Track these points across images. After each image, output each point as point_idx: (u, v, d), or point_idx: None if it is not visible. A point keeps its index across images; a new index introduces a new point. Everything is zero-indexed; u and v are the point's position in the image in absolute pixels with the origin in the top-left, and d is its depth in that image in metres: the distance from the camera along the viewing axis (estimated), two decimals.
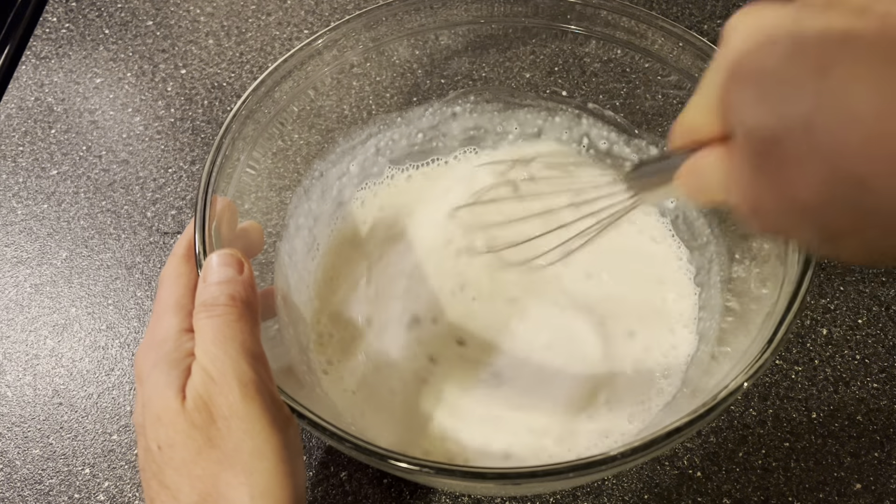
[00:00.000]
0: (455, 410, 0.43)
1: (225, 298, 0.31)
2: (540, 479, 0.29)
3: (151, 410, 0.29)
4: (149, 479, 0.30)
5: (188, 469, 0.28)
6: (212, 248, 0.34)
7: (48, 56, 0.65)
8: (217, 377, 0.29)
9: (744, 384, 0.31)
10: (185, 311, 0.32)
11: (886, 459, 0.44)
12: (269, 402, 0.29)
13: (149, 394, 0.30)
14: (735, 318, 0.41)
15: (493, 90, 0.52)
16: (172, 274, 0.34)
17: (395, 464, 0.30)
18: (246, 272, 0.32)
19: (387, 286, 0.47)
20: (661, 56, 0.45)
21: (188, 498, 0.28)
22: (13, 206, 0.57)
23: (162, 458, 0.29)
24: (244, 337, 0.30)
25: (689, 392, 0.41)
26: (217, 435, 0.28)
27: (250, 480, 0.28)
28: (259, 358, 0.30)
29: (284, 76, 0.43)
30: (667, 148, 0.32)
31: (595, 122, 0.51)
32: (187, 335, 0.31)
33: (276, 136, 0.44)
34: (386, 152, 0.52)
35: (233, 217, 0.38)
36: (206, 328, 0.30)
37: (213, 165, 0.38)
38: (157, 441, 0.29)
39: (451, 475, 0.30)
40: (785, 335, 0.32)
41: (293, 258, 0.46)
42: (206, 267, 0.32)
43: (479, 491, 0.42)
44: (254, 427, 0.28)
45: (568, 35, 0.48)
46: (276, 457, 0.29)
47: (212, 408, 0.28)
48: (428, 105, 0.52)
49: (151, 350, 0.31)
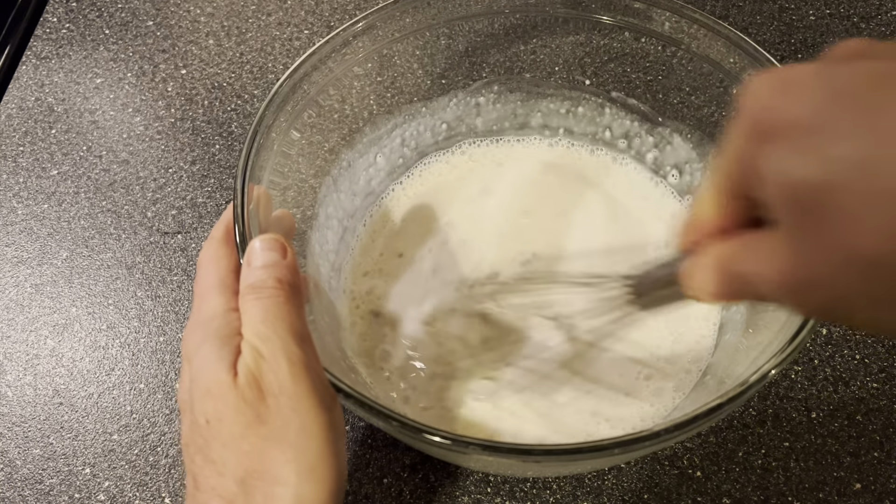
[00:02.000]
0: (488, 397, 0.44)
1: (272, 281, 0.31)
2: (585, 454, 0.30)
3: (201, 384, 0.29)
4: (193, 454, 0.30)
5: (236, 444, 0.28)
6: (252, 234, 0.35)
7: (48, 56, 0.65)
8: (267, 355, 0.29)
9: (772, 371, 0.32)
10: (231, 291, 0.32)
11: (886, 459, 0.44)
12: (316, 381, 0.30)
13: (198, 369, 0.30)
14: (763, 305, 0.41)
15: (516, 80, 0.52)
16: (212, 256, 0.34)
17: (452, 442, 0.31)
18: (290, 256, 0.33)
19: (419, 278, 0.48)
20: (686, 44, 0.46)
21: (234, 473, 0.28)
22: (13, 206, 0.57)
23: (209, 433, 0.29)
24: (292, 318, 0.30)
25: (716, 381, 0.41)
26: (266, 412, 0.28)
27: (297, 458, 0.28)
28: (306, 339, 0.30)
29: (317, 64, 0.44)
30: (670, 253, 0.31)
31: (618, 110, 0.51)
32: (234, 314, 0.31)
33: (307, 125, 0.45)
34: (411, 143, 0.52)
35: (268, 205, 0.39)
36: (255, 309, 0.30)
37: (250, 151, 0.39)
38: (206, 415, 0.29)
39: (497, 452, 0.30)
40: (815, 322, 0.33)
41: (324, 248, 0.47)
42: (249, 251, 0.33)
43: (518, 470, 0.43)
44: (302, 405, 0.29)
45: (592, 24, 0.48)
46: (323, 435, 0.29)
47: (262, 384, 0.29)
48: (453, 95, 0.52)
49: (199, 328, 0.31)
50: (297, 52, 0.65)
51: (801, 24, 0.65)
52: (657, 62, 0.48)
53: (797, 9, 0.66)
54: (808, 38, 0.64)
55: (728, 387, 0.32)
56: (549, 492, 0.44)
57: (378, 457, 0.45)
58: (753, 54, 0.42)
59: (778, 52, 0.63)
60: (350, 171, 0.49)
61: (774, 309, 0.39)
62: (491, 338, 0.46)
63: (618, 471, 0.44)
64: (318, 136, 0.46)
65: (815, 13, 0.66)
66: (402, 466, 0.45)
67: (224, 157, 0.59)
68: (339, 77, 0.46)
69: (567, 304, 0.44)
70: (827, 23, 0.65)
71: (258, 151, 0.40)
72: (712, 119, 0.47)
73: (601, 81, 0.51)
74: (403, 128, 0.51)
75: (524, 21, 0.49)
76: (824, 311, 0.21)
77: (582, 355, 0.45)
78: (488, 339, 0.46)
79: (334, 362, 0.41)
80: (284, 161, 0.43)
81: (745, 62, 0.43)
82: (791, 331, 0.34)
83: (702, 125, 0.48)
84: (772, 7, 0.66)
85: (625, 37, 0.48)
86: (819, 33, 0.64)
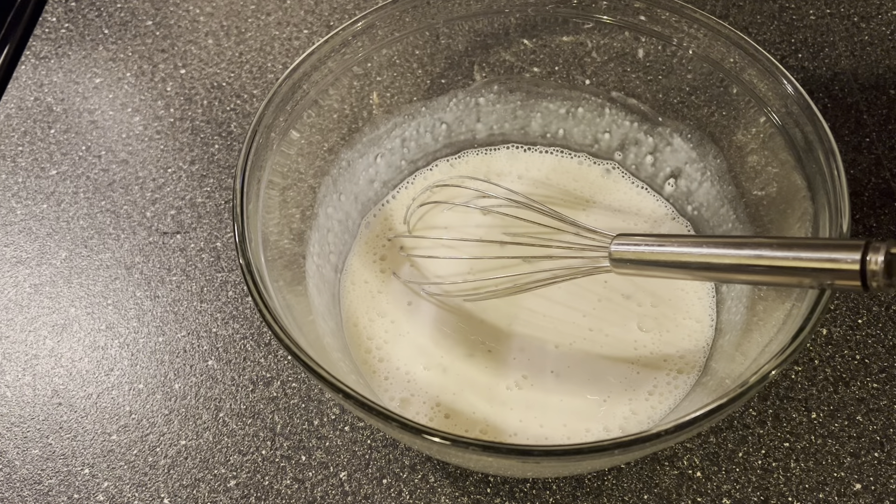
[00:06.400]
0: (488, 398, 0.44)
1: None
2: (585, 454, 0.30)
3: None
4: None
5: None
6: (252, 234, 0.37)
7: (48, 56, 0.65)
8: None
9: (772, 371, 0.32)
10: None
11: (886, 460, 0.44)
12: None
13: None
14: (764, 305, 0.41)
15: (516, 80, 0.52)
16: None
17: (452, 442, 0.31)
18: None
19: (419, 280, 0.48)
20: (686, 44, 0.46)
21: None
22: (12, 206, 0.57)
23: None
24: None
25: (716, 381, 0.41)
26: None
27: None
28: None
29: (316, 64, 0.44)
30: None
31: (618, 111, 0.51)
32: None
33: (306, 125, 0.45)
34: (411, 144, 0.52)
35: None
36: None
37: (249, 151, 0.39)
38: None
39: (497, 452, 0.31)
40: (817, 322, 0.33)
41: (324, 248, 0.47)
42: None
43: (518, 470, 0.43)
44: None
45: (592, 24, 0.48)
46: None
47: None
48: (453, 95, 0.52)
49: None
50: (297, 51, 0.65)
51: (801, 23, 0.65)
52: (657, 62, 0.48)
53: (797, 8, 0.66)
54: (808, 37, 0.64)
55: (728, 387, 0.32)
56: (548, 492, 0.44)
57: (378, 457, 0.45)
58: (753, 54, 0.42)
59: (778, 52, 0.63)
60: (350, 170, 0.49)
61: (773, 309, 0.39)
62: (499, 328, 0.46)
63: (618, 471, 0.44)
64: (317, 136, 0.46)
65: (816, 13, 0.66)
66: (401, 466, 0.45)
67: (223, 157, 0.59)
68: (339, 77, 0.46)
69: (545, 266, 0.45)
70: (827, 22, 0.65)
71: (257, 151, 0.40)
72: (712, 119, 0.47)
73: (601, 81, 0.51)
74: (403, 128, 0.51)
75: (524, 21, 0.49)
76: None
77: (580, 356, 0.45)
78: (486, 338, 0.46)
79: (335, 364, 0.41)
80: (284, 161, 0.43)
81: (745, 62, 0.43)
82: (791, 331, 0.33)
83: (702, 125, 0.48)
84: (772, 7, 0.66)
85: (625, 37, 0.48)
86: (819, 33, 0.64)
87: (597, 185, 0.53)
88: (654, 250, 0.38)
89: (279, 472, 0.45)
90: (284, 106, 0.42)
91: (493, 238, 0.49)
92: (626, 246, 0.40)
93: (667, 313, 0.46)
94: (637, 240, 0.40)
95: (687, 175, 0.50)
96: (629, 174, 0.53)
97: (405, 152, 0.52)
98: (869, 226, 0.53)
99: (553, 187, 0.53)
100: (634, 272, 0.40)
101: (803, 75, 0.61)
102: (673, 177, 0.51)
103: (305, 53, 0.43)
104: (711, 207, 0.49)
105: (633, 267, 0.39)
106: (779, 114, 0.42)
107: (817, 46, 0.63)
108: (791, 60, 0.63)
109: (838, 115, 0.59)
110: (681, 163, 0.50)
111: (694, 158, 0.49)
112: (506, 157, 0.54)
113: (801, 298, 0.35)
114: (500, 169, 0.54)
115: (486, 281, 0.47)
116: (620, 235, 0.40)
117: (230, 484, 0.45)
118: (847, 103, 0.60)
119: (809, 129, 0.39)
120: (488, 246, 0.49)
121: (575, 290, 0.47)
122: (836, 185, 0.37)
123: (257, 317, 0.51)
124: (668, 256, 0.37)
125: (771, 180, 0.43)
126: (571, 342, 0.45)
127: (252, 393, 0.48)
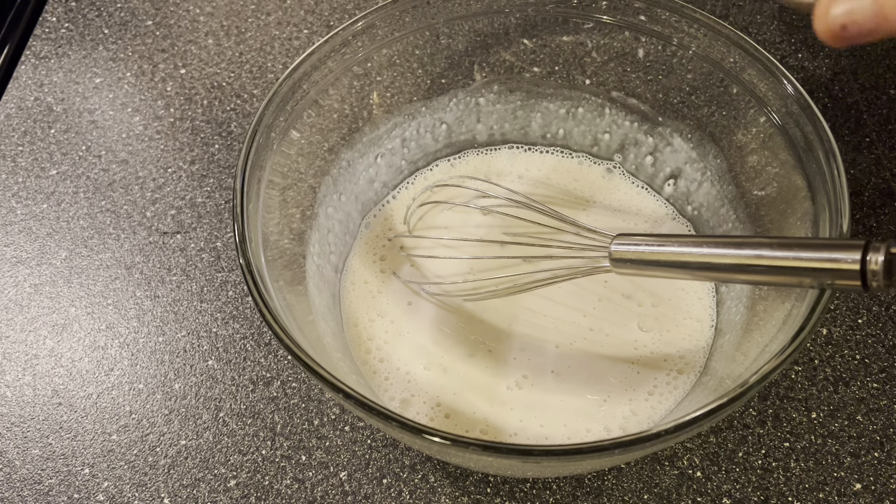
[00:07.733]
0: (489, 397, 0.44)
1: None
2: (585, 454, 0.30)
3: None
4: None
5: None
6: (252, 234, 0.36)
7: (48, 56, 0.65)
8: None
9: (772, 371, 0.32)
10: None
11: (886, 459, 0.44)
12: None
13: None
14: (764, 305, 0.41)
15: (516, 80, 0.52)
16: None
17: (452, 442, 0.31)
18: None
19: (419, 280, 0.48)
20: (686, 44, 0.46)
21: None
22: (12, 205, 0.57)
23: None
24: None
25: (716, 381, 0.41)
26: None
27: None
28: None
29: (316, 64, 0.44)
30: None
31: (618, 111, 0.51)
32: None
33: (306, 125, 0.45)
34: (411, 144, 0.52)
35: None
36: None
37: (249, 151, 0.39)
38: None
39: (497, 452, 0.30)
40: (817, 322, 0.33)
41: (324, 248, 0.47)
42: None
43: (518, 470, 0.43)
44: None
45: (592, 24, 0.48)
46: None
47: None
48: (453, 95, 0.52)
49: None
50: (297, 51, 0.65)
51: (801, 23, 0.65)
52: (657, 62, 0.48)
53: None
54: (808, 37, 0.64)
55: (728, 387, 0.32)
56: (549, 492, 0.44)
57: (378, 457, 0.45)
58: (753, 54, 0.42)
59: (778, 52, 0.63)
60: (350, 170, 0.49)
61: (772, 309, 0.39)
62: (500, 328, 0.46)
63: (618, 471, 0.44)
64: (317, 136, 0.46)
65: None
66: (402, 466, 0.45)
67: (223, 157, 0.59)
68: (339, 77, 0.46)
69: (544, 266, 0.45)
70: None
71: (257, 151, 0.40)
72: (712, 119, 0.47)
73: (601, 81, 0.51)
74: (403, 128, 0.51)
75: (524, 21, 0.49)
76: None
77: (581, 355, 0.45)
78: (486, 338, 0.46)
79: (335, 364, 0.41)
80: (284, 161, 0.43)
81: (745, 62, 0.43)
82: (791, 331, 0.33)
83: (702, 125, 0.48)
84: (772, 7, 0.66)
85: (625, 37, 0.48)
86: None
87: (597, 185, 0.53)
88: (654, 250, 0.38)
89: (279, 471, 0.45)
90: (284, 106, 0.42)
91: (493, 238, 0.49)
92: (627, 246, 0.40)
93: (667, 313, 0.46)
94: (637, 240, 0.40)
95: (687, 175, 0.50)
96: (629, 174, 0.53)
97: (405, 152, 0.52)
98: (869, 226, 0.53)
99: (553, 187, 0.53)
100: (634, 272, 0.40)
101: (803, 75, 0.62)
102: (673, 177, 0.51)
103: (305, 53, 0.43)
104: (711, 207, 0.49)
105: (634, 267, 0.39)
106: (779, 114, 0.42)
107: (817, 46, 0.63)
108: (791, 60, 0.63)
109: (838, 115, 0.59)
110: (681, 163, 0.50)
111: (694, 158, 0.49)
112: (506, 157, 0.54)
113: (801, 298, 0.35)
114: (500, 169, 0.54)
115: (486, 281, 0.47)
116: (620, 235, 0.40)
117: (230, 484, 0.45)
118: (847, 103, 0.60)
119: (809, 129, 0.39)
120: (488, 246, 0.49)
121: (575, 290, 0.47)
122: (836, 185, 0.37)
123: (257, 317, 0.51)
124: (668, 256, 0.37)
125: (771, 180, 0.43)
126: (572, 342, 0.45)
127: (252, 393, 0.48)
